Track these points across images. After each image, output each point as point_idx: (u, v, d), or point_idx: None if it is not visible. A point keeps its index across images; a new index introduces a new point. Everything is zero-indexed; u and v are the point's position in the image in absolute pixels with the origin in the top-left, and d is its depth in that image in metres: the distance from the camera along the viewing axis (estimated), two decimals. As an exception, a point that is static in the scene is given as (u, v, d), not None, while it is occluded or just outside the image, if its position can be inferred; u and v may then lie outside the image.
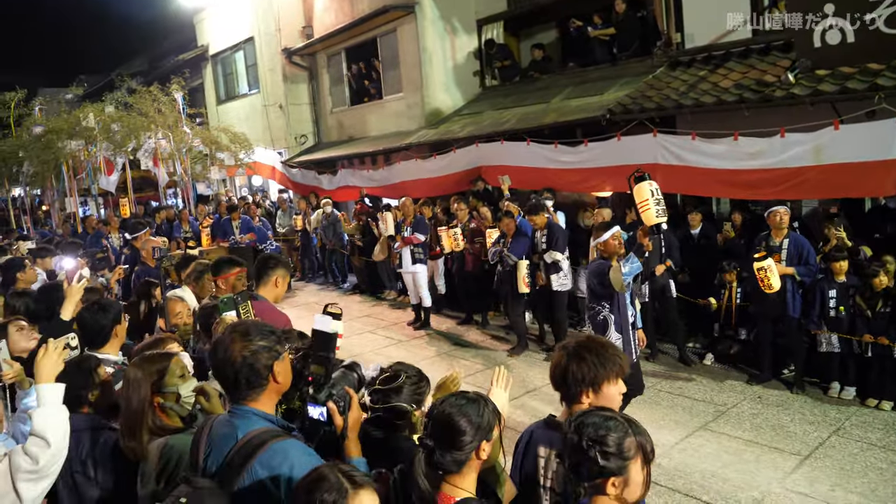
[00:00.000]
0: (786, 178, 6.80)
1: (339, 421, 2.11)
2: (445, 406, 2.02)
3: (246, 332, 2.09)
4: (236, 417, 2.07)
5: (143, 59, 27.11)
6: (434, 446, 1.97)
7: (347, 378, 2.28)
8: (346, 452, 2.14)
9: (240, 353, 2.05)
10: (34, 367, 2.47)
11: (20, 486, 2.27)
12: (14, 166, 15.98)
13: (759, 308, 6.55)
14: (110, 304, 3.73)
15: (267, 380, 2.08)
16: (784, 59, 7.71)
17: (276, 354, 2.10)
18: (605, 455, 1.77)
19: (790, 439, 5.40)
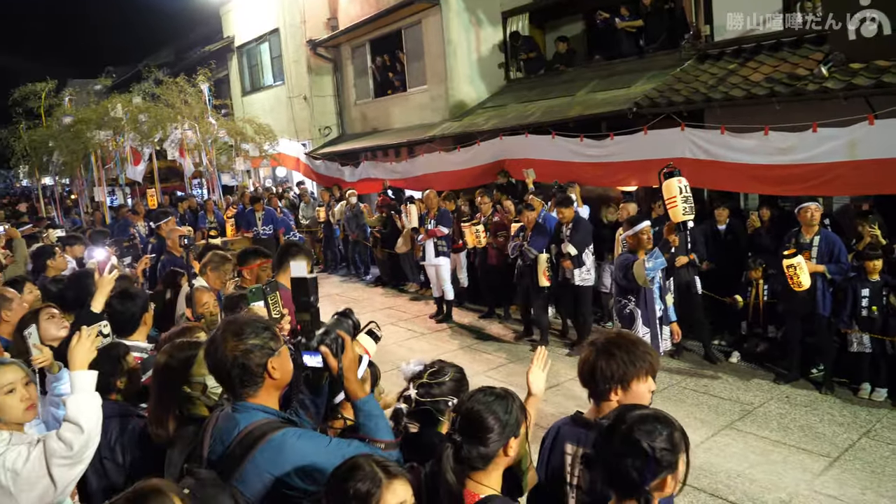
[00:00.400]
0: (817, 174, 6.67)
1: (332, 363, 2.08)
2: (474, 402, 2.01)
3: (239, 331, 2.07)
4: (238, 412, 2.08)
5: (170, 51, 27.36)
6: (462, 441, 1.96)
7: (342, 324, 2.26)
8: (352, 395, 2.12)
9: (232, 353, 2.04)
10: (68, 355, 2.50)
11: (55, 471, 2.30)
12: (44, 156, 16.25)
13: (788, 306, 6.43)
14: (138, 292, 3.78)
15: (262, 377, 2.08)
16: (817, 52, 7.54)
17: (269, 352, 2.08)
18: (664, 453, 1.73)
19: (819, 440, 5.30)
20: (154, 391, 2.63)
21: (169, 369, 2.58)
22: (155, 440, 2.55)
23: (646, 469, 1.73)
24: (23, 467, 2.29)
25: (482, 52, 13.14)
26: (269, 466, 1.94)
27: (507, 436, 1.98)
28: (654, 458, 1.72)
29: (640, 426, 1.76)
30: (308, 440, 2.02)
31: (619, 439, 1.77)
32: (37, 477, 2.29)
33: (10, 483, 2.28)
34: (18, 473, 2.28)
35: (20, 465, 2.29)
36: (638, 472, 1.73)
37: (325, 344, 2.09)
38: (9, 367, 2.53)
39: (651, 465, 1.73)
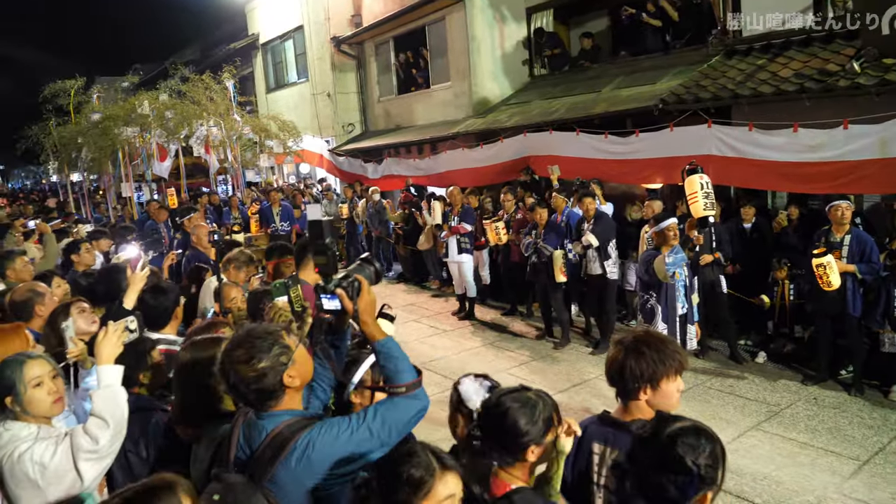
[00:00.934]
0: (848, 172, 6.55)
1: (348, 304, 2.07)
2: (501, 403, 2.00)
3: (247, 358, 2.02)
4: (262, 418, 2.07)
5: (196, 48, 27.63)
6: (483, 440, 1.97)
7: (363, 269, 2.24)
8: (370, 338, 2.10)
9: (244, 379, 2.02)
10: (95, 350, 2.53)
11: (81, 465, 2.33)
12: (73, 152, 16.50)
13: (817, 306, 6.32)
14: (171, 286, 3.83)
15: (282, 391, 2.05)
16: (848, 47, 7.39)
17: (282, 367, 2.04)
18: (708, 469, 1.71)
19: (848, 443, 5.21)
20: (178, 389, 2.63)
21: (192, 367, 2.57)
22: (182, 436, 2.56)
23: (689, 486, 1.70)
24: (50, 461, 2.32)
25: (506, 49, 13.08)
26: (301, 465, 1.93)
27: (528, 442, 1.98)
28: (698, 475, 1.70)
29: (683, 440, 1.73)
30: (334, 435, 1.98)
31: (660, 453, 1.73)
32: (64, 471, 2.32)
33: (39, 476, 2.31)
34: (46, 467, 2.31)
35: (48, 459, 2.32)
36: (679, 487, 1.70)
37: (342, 287, 2.08)
38: (36, 360, 2.56)
39: (695, 482, 1.70)
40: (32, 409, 2.48)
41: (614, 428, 2.27)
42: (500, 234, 8.83)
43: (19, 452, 2.34)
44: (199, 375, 2.55)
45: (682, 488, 1.70)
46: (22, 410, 2.46)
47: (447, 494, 1.71)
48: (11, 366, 2.50)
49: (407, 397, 2.03)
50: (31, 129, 16.54)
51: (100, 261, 7.01)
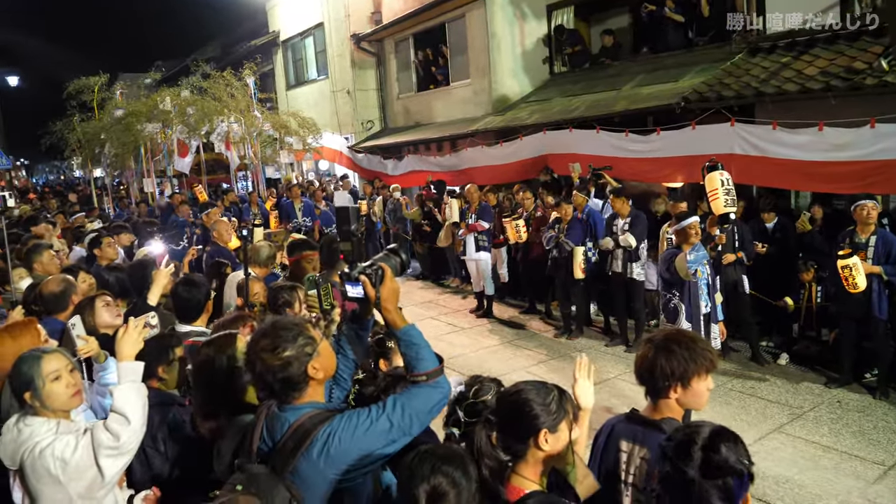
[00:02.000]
0: (875, 172, 6.44)
1: (370, 291, 2.09)
2: (513, 388, 2.02)
3: (273, 346, 2.05)
4: (286, 411, 2.08)
5: (217, 45, 27.85)
6: (497, 424, 1.97)
7: (389, 259, 2.23)
8: (392, 325, 2.11)
9: (270, 368, 2.04)
10: (115, 345, 2.54)
11: (102, 461, 2.35)
12: (96, 147, 16.71)
13: (841, 308, 6.22)
14: (202, 280, 3.87)
15: (306, 382, 2.07)
16: (876, 44, 7.26)
17: (307, 358, 2.05)
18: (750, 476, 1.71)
19: (873, 447, 5.12)
20: (199, 386, 2.64)
21: (213, 363, 2.59)
22: (204, 433, 2.57)
23: (741, 487, 1.69)
24: (71, 456, 2.34)
25: (526, 46, 13.03)
26: (322, 457, 1.94)
27: (542, 426, 1.96)
28: (748, 475, 1.69)
29: (724, 443, 1.72)
30: (354, 426, 1.98)
31: (703, 459, 1.71)
32: (85, 466, 2.35)
33: (60, 472, 2.33)
34: (67, 462, 2.34)
35: (69, 455, 2.34)
36: (726, 491, 1.68)
37: (366, 273, 2.09)
38: (53, 355, 2.59)
39: (745, 482, 1.69)
40: (52, 403, 2.50)
41: (643, 426, 2.26)
42: (520, 232, 8.80)
43: (40, 448, 2.37)
44: (218, 369, 2.57)
45: (735, 490, 1.68)
46: (41, 405, 2.48)
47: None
48: (29, 361, 2.52)
49: (428, 385, 2.02)
50: (56, 125, 16.76)
51: (121, 255, 7.09)
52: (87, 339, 3.15)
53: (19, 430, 2.44)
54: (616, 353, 7.63)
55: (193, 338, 3.39)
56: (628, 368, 6.87)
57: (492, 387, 2.46)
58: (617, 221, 7.67)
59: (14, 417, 2.50)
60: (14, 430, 2.45)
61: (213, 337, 2.78)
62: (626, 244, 7.48)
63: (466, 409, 2.40)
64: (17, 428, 2.46)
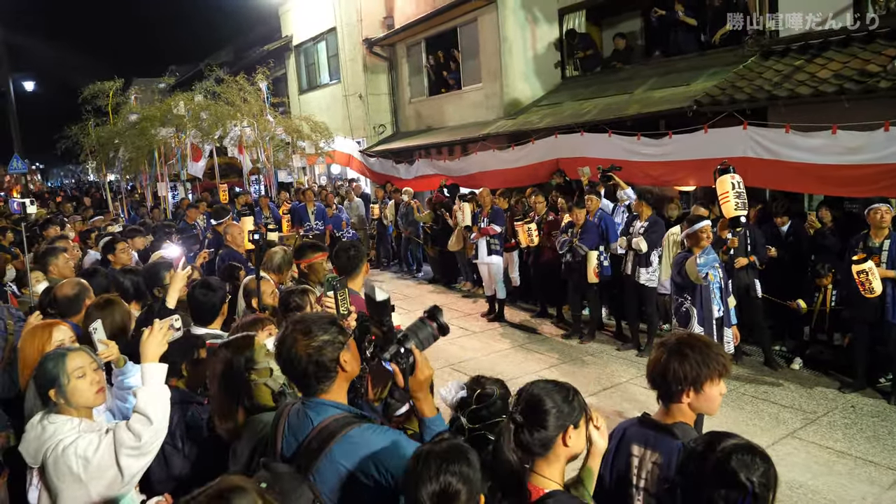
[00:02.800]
0: (889, 175, 6.38)
1: (400, 381, 2.09)
2: (534, 387, 2.03)
3: (307, 330, 2.12)
4: (308, 408, 2.11)
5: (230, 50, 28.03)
6: (522, 423, 1.96)
7: (424, 329, 2.17)
8: (421, 413, 2.12)
9: (304, 351, 2.08)
10: (140, 347, 2.57)
11: (123, 461, 2.37)
12: (111, 151, 16.87)
13: (855, 312, 6.18)
14: (219, 283, 3.90)
15: (336, 371, 2.12)
16: (890, 47, 7.20)
17: (340, 346, 2.13)
18: (764, 488, 1.69)
19: (887, 452, 5.08)
20: (217, 386, 2.67)
21: (231, 364, 2.62)
22: (221, 434, 2.60)
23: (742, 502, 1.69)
24: (94, 455, 2.37)
25: (538, 50, 13.04)
26: (344, 459, 1.97)
27: (566, 422, 1.97)
28: (752, 494, 1.69)
29: (738, 456, 1.72)
30: (383, 435, 2.03)
31: (714, 467, 1.73)
32: (106, 466, 2.37)
33: (82, 470, 2.35)
34: (89, 461, 2.36)
35: (91, 454, 2.37)
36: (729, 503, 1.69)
37: (396, 361, 2.09)
38: (77, 353, 2.64)
39: (749, 500, 1.69)
40: (76, 400, 2.54)
41: (655, 430, 2.26)
42: (532, 236, 8.79)
43: (63, 446, 2.39)
44: (236, 370, 2.60)
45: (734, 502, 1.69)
46: (65, 402, 2.52)
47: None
48: (54, 359, 2.57)
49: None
50: (71, 130, 16.94)
51: (135, 260, 7.15)
52: (108, 344, 3.19)
53: (43, 428, 2.47)
54: (627, 357, 7.61)
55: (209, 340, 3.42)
56: (640, 373, 6.85)
57: (495, 390, 2.45)
58: (635, 223, 7.65)
59: (38, 415, 2.54)
60: (38, 428, 2.49)
61: (231, 338, 2.81)
62: (636, 248, 7.46)
63: (470, 416, 2.40)
64: (40, 426, 2.49)
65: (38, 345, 3.10)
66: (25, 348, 3.15)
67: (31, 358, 3.02)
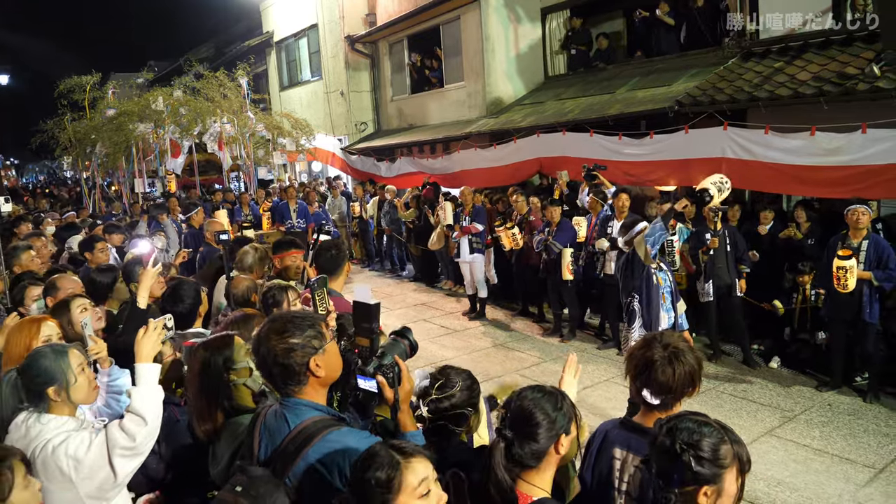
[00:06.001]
0: (866, 177, 6.46)
1: (389, 394, 2.07)
2: (523, 399, 2.00)
3: (281, 329, 2.05)
4: (286, 409, 2.06)
5: (211, 46, 27.78)
6: (513, 438, 1.93)
7: (398, 346, 2.21)
8: (402, 427, 2.11)
9: (272, 351, 2.03)
10: (135, 347, 2.51)
11: (116, 461, 2.31)
12: (87, 147, 16.59)
13: (832, 312, 6.25)
14: (185, 291, 3.78)
15: (305, 376, 2.05)
16: (868, 50, 7.32)
17: (311, 351, 2.04)
18: (699, 461, 1.66)
19: (863, 450, 5.14)
20: (195, 387, 2.61)
21: (209, 364, 2.57)
22: (201, 437, 2.54)
23: (673, 470, 1.69)
24: (85, 455, 2.30)
25: (521, 49, 13.05)
26: (321, 463, 1.94)
27: (558, 432, 1.96)
28: (681, 462, 1.67)
29: (681, 424, 1.72)
30: (363, 439, 1.99)
31: (656, 436, 1.75)
32: (98, 466, 2.30)
33: (72, 471, 2.28)
34: (81, 461, 2.29)
35: (83, 454, 2.30)
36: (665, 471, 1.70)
37: (382, 373, 2.07)
38: (73, 349, 2.59)
39: (679, 468, 1.67)
40: (77, 397, 2.49)
41: (637, 433, 2.23)
42: (516, 240, 8.73)
43: (53, 445, 2.32)
44: (214, 370, 2.55)
45: (667, 472, 1.69)
46: (62, 400, 2.45)
47: (419, 480, 1.67)
48: (52, 355, 2.50)
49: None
50: (47, 124, 16.63)
51: (113, 255, 7.02)
52: (98, 341, 3.12)
53: (28, 428, 2.39)
54: (608, 355, 7.63)
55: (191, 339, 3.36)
56: (620, 371, 6.86)
57: (457, 382, 2.42)
58: (613, 223, 7.66)
59: (22, 415, 2.44)
60: (23, 428, 2.40)
61: (210, 338, 2.76)
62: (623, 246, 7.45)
63: (430, 407, 2.37)
64: (25, 425, 2.41)
65: (25, 340, 3.01)
66: (11, 343, 3.05)
67: (16, 353, 2.92)
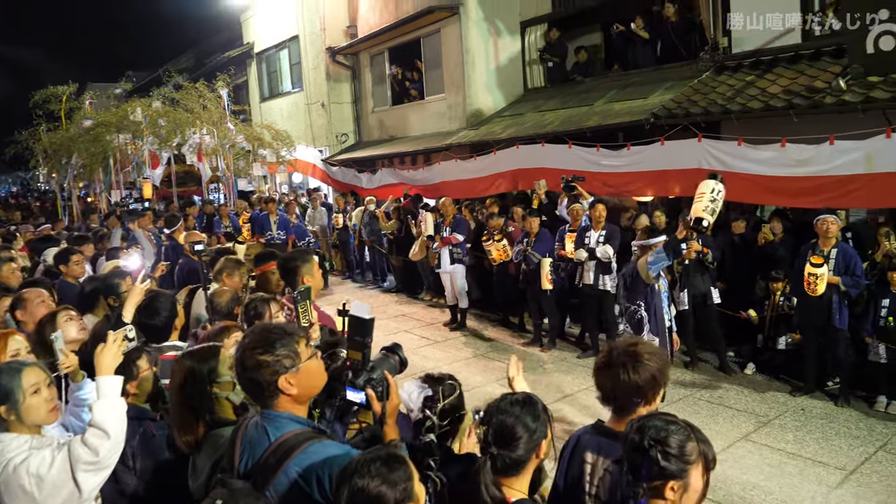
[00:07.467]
0: (834, 187, 6.65)
1: (377, 407, 2.10)
2: (503, 414, 2.04)
3: (254, 345, 2.05)
4: (267, 421, 2.06)
5: (191, 56, 27.67)
6: (497, 454, 1.99)
7: (388, 362, 2.25)
8: (385, 437, 2.14)
9: (244, 365, 2.04)
10: (94, 360, 2.49)
11: (79, 477, 2.27)
12: (63, 158, 16.42)
13: (803, 319, 6.41)
14: (161, 304, 3.74)
15: (275, 394, 2.04)
16: (835, 64, 7.54)
17: (282, 370, 2.02)
18: (665, 456, 1.73)
19: (835, 453, 5.27)
20: (177, 398, 2.60)
21: (193, 375, 2.57)
22: (182, 448, 2.53)
23: (642, 466, 1.75)
24: (48, 473, 2.25)
25: (500, 62, 13.20)
26: (302, 476, 1.94)
27: (538, 440, 2.03)
28: (649, 457, 1.73)
29: (649, 422, 1.79)
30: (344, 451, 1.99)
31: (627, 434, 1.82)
32: (62, 482, 2.26)
33: (35, 489, 2.23)
34: (43, 479, 2.25)
35: (45, 471, 2.25)
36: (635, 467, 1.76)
37: (372, 386, 2.10)
38: (31, 368, 2.50)
39: (647, 464, 1.74)
40: (30, 418, 2.40)
41: (608, 438, 2.27)
42: (507, 250, 8.75)
43: (14, 465, 2.27)
44: (199, 380, 2.55)
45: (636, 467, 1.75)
46: (17, 419, 2.39)
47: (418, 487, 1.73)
48: (8, 373, 2.43)
49: None
50: (21, 135, 16.44)
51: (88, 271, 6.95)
52: (69, 354, 3.09)
53: None
54: (588, 364, 7.71)
55: (168, 352, 3.35)
56: (600, 379, 6.94)
57: (454, 385, 2.54)
58: (590, 234, 7.77)
59: None
60: None
61: (195, 348, 2.76)
62: (604, 256, 7.58)
63: (441, 414, 2.45)
64: None
65: None
66: None
67: None
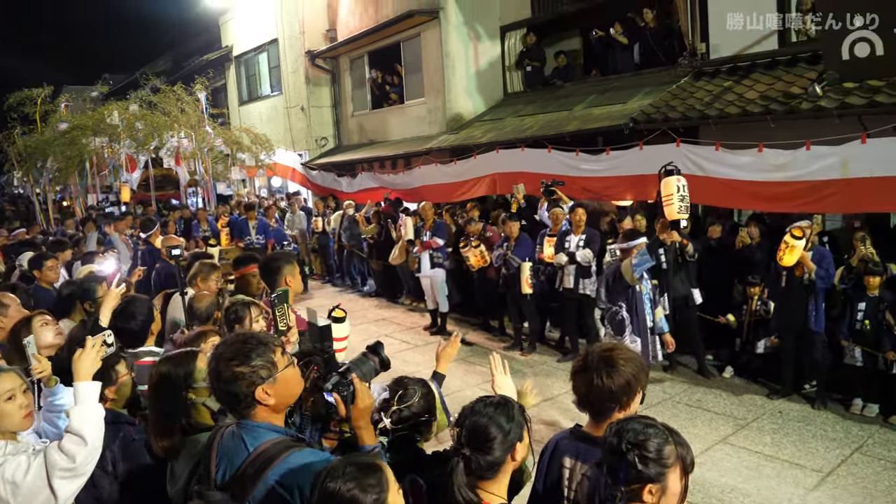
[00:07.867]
0: (811, 192, 6.73)
1: (342, 410, 2.09)
2: (476, 415, 2.02)
3: (230, 356, 2.03)
4: (243, 430, 2.03)
5: (168, 59, 27.40)
6: (470, 455, 1.97)
7: (365, 363, 2.23)
8: (360, 442, 2.12)
9: (220, 376, 2.02)
10: (72, 365, 2.46)
11: (56, 484, 2.24)
12: (38, 161, 16.16)
13: (781, 322, 6.47)
14: (137, 308, 3.70)
15: (252, 404, 2.03)
16: (811, 70, 7.65)
17: (258, 380, 2.01)
18: (643, 460, 1.73)
19: (812, 455, 5.32)
20: (155, 403, 2.58)
21: (170, 380, 2.54)
22: (159, 453, 2.50)
23: (619, 468, 1.75)
24: (23, 479, 2.23)
25: (480, 66, 13.23)
26: (283, 486, 1.91)
27: (513, 441, 2.00)
28: (627, 461, 1.73)
29: (627, 425, 1.79)
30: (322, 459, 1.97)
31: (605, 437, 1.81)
32: (38, 489, 2.23)
33: (10, 496, 2.21)
34: (18, 486, 2.22)
35: (20, 477, 2.23)
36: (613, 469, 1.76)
37: (338, 391, 2.09)
38: (7, 374, 2.47)
39: (625, 466, 1.74)
40: (3, 424, 2.38)
41: (586, 443, 2.26)
42: (485, 256, 8.72)
43: None
44: (175, 385, 2.52)
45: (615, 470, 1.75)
46: None
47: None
48: None
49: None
50: (-5, 138, 16.16)
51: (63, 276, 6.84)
52: (41, 360, 3.03)
53: None
54: (568, 368, 7.68)
55: (144, 357, 3.31)
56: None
57: (417, 390, 2.50)
58: (569, 238, 7.79)
59: None
60: None
61: (172, 353, 2.72)
62: (584, 260, 7.59)
63: (393, 418, 2.43)
64: None
65: None
66: None
67: None
